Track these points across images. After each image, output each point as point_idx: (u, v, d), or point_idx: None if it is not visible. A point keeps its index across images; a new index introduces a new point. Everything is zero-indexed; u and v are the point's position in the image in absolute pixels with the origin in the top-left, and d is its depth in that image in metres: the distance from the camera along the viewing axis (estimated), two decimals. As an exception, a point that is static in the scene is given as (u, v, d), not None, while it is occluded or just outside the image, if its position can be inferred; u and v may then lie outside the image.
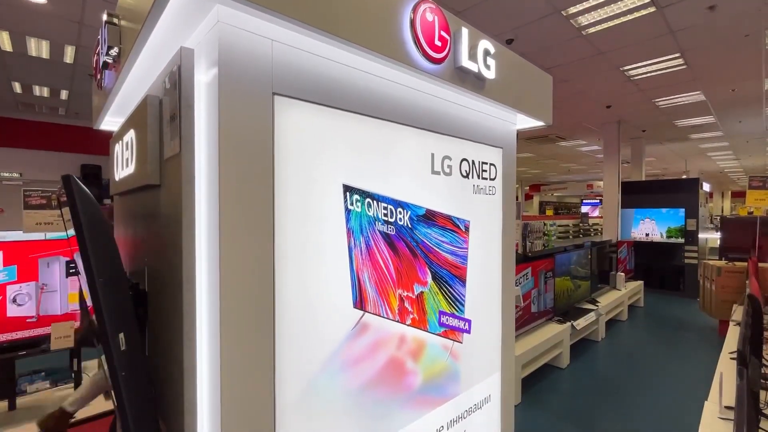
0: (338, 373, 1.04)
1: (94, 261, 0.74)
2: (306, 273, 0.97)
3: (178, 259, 0.85)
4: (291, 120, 0.93)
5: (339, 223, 1.04)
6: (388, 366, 1.18)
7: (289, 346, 0.93)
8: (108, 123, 1.74)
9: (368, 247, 1.11)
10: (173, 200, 0.89)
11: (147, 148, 0.97)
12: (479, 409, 1.55)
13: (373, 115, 1.11)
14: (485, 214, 1.56)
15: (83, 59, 4.58)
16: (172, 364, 0.90)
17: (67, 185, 0.75)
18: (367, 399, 1.11)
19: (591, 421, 2.92)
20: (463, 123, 1.43)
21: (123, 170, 1.30)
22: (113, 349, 0.77)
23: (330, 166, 1.02)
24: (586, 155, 11.87)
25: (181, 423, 0.85)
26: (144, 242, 1.16)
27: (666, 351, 4.39)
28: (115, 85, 1.24)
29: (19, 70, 5.03)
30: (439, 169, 1.34)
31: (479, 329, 1.53)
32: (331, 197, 1.02)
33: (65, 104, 6.62)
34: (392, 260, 1.18)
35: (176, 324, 0.87)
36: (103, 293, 0.76)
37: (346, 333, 1.06)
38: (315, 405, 0.99)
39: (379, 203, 1.14)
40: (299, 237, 0.95)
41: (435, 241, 1.33)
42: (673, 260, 7.30)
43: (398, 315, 1.20)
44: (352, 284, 1.07)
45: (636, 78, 5.21)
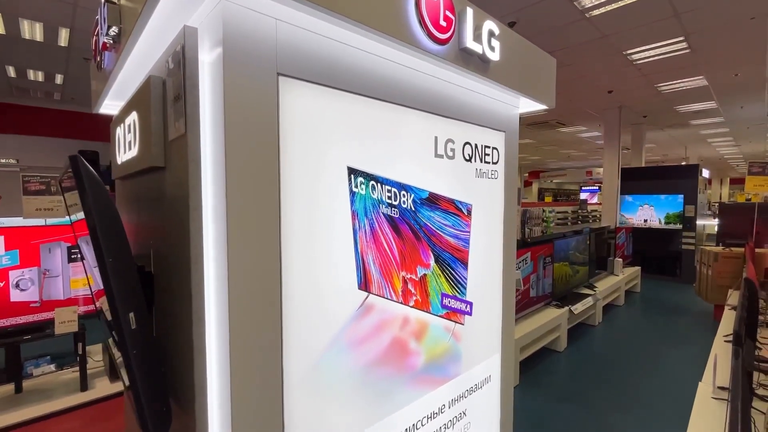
0: (344, 352, 1.06)
1: (103, 240, 0.75)
2: (312, 254, 0.97)
3: (185, 240, 0.86)
4: (296, 101, 0.92)
5: (344, 205, 1.04)
6: (392, 346, 1.20)
7: (296, 325, 0.95)
8: (107, 107, 1.72)
9: (372, 229, 1.12)
10: (179, 182, 0.89)
11: (151, 130, 0.97)
12: (480, 389, 1.59)
13: (377, 97, 1.11)
14: (487, 197, 1.56)
15: (78, 42, 4.50)
16: (182, 344, 0.91)
17: (74, 165, 0.75)
18: (372, 377, 1.14)
19: (587, 402, 2.99)
20: (467, 106, 1.43)
21: (125, 153, 1.29)
22: (124, 328, 0.78)
23: (335, 148, 1.02)
24: (586, 141, 11.82)
25: (192, 400, 0.87)
26: (149, 225, 1.17)
27: (662, 335, 4.46)
28: (115, 67, 1.23)
29: (12, 54, 4.95)
30: (442, 153, 1.34)
31: (480, 311, 1.55)
32: (335, 179, 1.02)
33: (60, 89, 6.53)
34: (396, 243, 1.19)
35: (185, 304, 0.88)
36: (113, 273, 0.77)
37: (351, 313, 1.08)
38: (321, 382, 1.01)
39: (383, 186, 1.15)
40: (305, 218, 0.96)
41: (438, 224, 1.33)
42: (671, 246, 7.36)
43: (402, 297, 1.22)
44: (357, 266, 1.08)
45: (639, 62, 5.15)
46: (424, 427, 1.33)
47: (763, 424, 1.72)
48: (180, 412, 0.95)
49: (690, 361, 3.74)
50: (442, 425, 1.41)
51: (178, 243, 0.91)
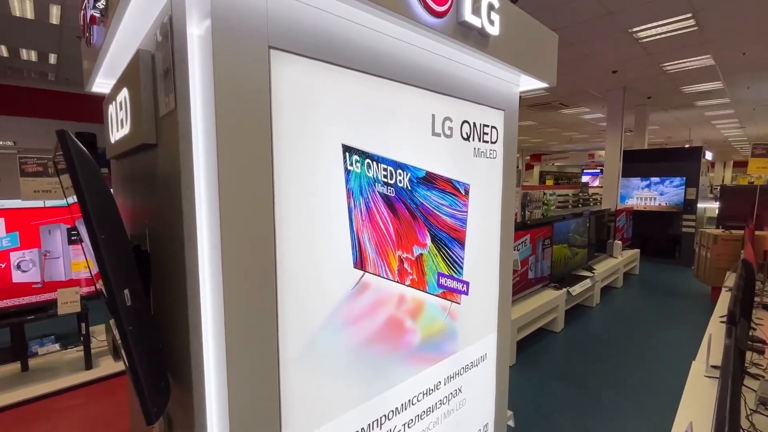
0: (339, 330, 1.07)
1: (94, 216, 0.74)
2: (307, 232, 0.97)
3: (178, 217, 0.85)
4: (288, 75, 0.90)
5: (339, 183, 1.03)
6: (388, 324, 1.21)
7: (291, 302, 0.95)
8: (100, 85, 1.69)
9: (368, 208, 1.11)
10: (171, 158, 0.88)
11: (141, 106, 0.95)
12: (475, 367, 1.61)
13: (372, 72, 1.08)
14: (485, 177, 1.55)
15: (70, 20, 4.39)
16: (178, 320, 0.92)
17: (62, 140, 0.74)
18: (368, 355, 1.15)
19: (583, 381, 3.04)
20: (465, 83, 1.40)
21: (118, 132, 1.28)
22: (119, 305, 0.79)
23: (329, 125, 1.00)
24: (588, 123, 11.68)
25: (189, 375, 0.88)
26: (143, 204, 1.16)
27: (658, 316, 4.51)
28: (104, 42, 1.20)
29: (3, 32, 4.84)
30: (439, 131, 1.32)
31: (477, 291, 1.56)
32: (330, 157, 1.01)
33: (54, 69, 6.42)
34: (392, 222, 1.18)
35: (180, 282, 0.88)
36: (106, 250, 0.77)
37: (347, 292, 1.08)
38: (317, 360, 1.02)
39: (379, 164, 1.13)
40: (299, 196, 0.95)
41: (434, 203, 1.33)
42: (671, 229, 7.36)
43: (398, 275, 1.22)
44: (352, 245, 1.08)
45: (644, 40, 5.03)
46: (420, 402, 1.35)
47: (754, 402, 1.75)
48: (178, 388, 0.97)
49: (685, 341, 3.79)
50: (438, 401, 1.44)
51: (171, 221, 0.90)
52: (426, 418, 1.39)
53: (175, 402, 0.98)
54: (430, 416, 1.41)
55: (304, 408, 1.00)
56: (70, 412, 2.71)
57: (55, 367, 3.18)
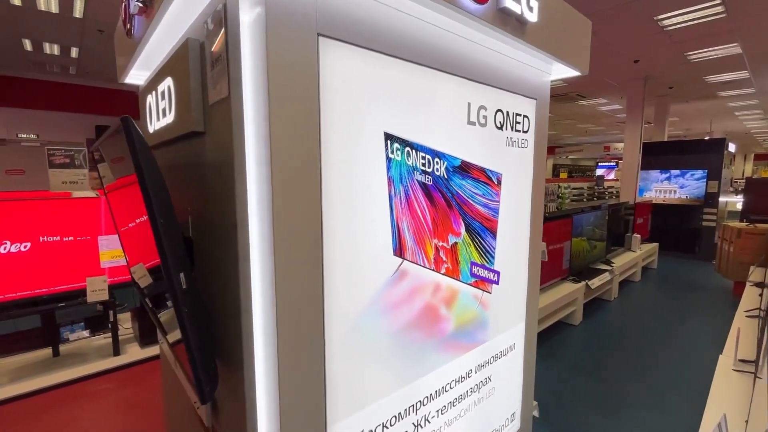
0: (379, 316, 1.09)
1: (155, 201, 0.77)
2: (350, 218, 0.98)
3: (230, 204, 0.87)
4: (335, 63, 0.91)
5: (380, 171, 1.04)
6: (424, 311, 1.22)
7: (336, 287, 0.97)
8: (134, 77, 1.72)
9: (407, 196, 1.12)
10: (221, 145, 0.89)
11: (189, 95, 0.97)
12: (504, 356, 1.62)
13: (413, 60, 1.08)
14: (517, 167, 1.54)
15: (92, 14, 4.46)
16: (227, 305, 0.94)
17: (126, 125, 0.76)
18: (405, 341, 1.17)
19: (604, 374, 3.03)
20: (499, 71, 1.39)
21: (158, 121, 1.30)
22: (177, 288, 0.81)
23: (372, 113, 1.01)
24: (606, 115, 11.45)
25: (239, 358, 0.90)
26: (186, 191, 1.18)
27: (679, 310, 4.45)
28: (145, 34, 1.22)
29: (28, 26, 4.93)
30: (474, 120, 1.31)
31: (507, 281, 1.56)
32: (373, 145, 1.02)
33: (76, 62, 6.53)
34: (429, 210, 1.19)
35: (230, 266, 0.91)
36: (165, 234, 0.79)
37: (387, 278, 1.09)
38: (358, 344, 1.04)
39: (418, 152, 1.14)
40: (344, 183, 0.96)
41: (469, 192, 1.33)
42: (690, 223, 7.21)
43: (434, 264, 1.23)
44: (393, 232, 1.09)
45: (670, 28, 4.89)
46: (453, 389, 1.37)
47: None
48: (226, 371, 0.99)
49: (707, 335, 3.74)
50: (469, 389, 1.45)
51: (222, 208, 0.92)
52: (457, 406, 1.41)
53: (223, 385, 1.01)
54: (461, 404, 1.42)
55: (346, 392, 1.03)
56: (101, 396, 2.81)
57: (85, 353, 3.29)
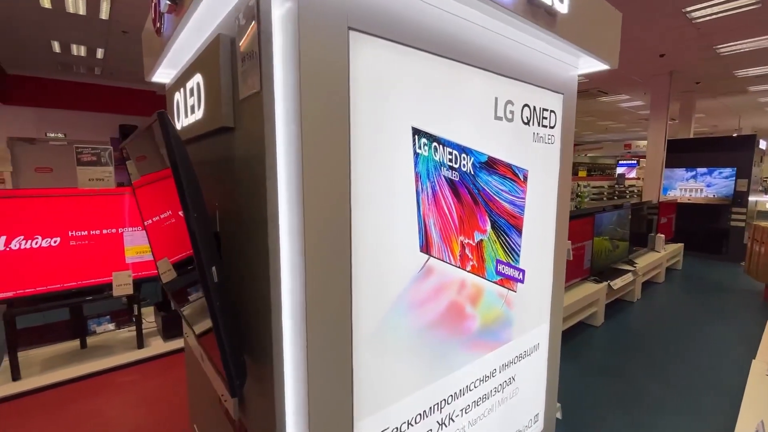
0: (406, 313, 1.08)
1: (188, 195, 0.78)
2: (378, 215, 0.98)
3: (260, 199, 0.88)
4: (365, 57, 0.90)
5: (408, 166, 1.03)
6: (450, 309, 1.21)
7: (363, 283, 0.97)
8: (161, 75, 1.75)
9: (434, 192, 1.11)
10: (252, 140, 0.90)
11: (220, 90, 0.97)
12: (528, 356, 1.59)
13: (441, 54, 1.06)
14: (543, 163, 1.51)
15: (117, 15, 4.57)
16: (256, 300, 0.95)
17: (162, 120, 0.77)
18: (430, 339, 1.16)
19: (627, 376, 2.95)
20: (527, 65, 1.36)
21: (187, 118, 1.32)
22: (209, 281, 0.82)
23: (400, 108, 1.00)
24: (627, 111, 11.15)
25: (269, 352, 0.91)
26: (214, 187, 1.20)
27: (706, 313, 4.30)
28: (175, 31, 1.24)
29: (57, 29, 5.09)
30: (501, 115, 1.29)
31: (532, 280, 1.53)
32: (401, 140, 1.01)
33: (101, 63, 6.71)
34: (455, 207, 1.17)
35: (259, 261, 0.91)
36: (198, 228, 0.80)
37: (413, 275, 1.09)
38: (385, 341, 1.04)
39: (445, 148, 1.12)
40: (372, 178, 0.95)
41: (495, 189, 1.30)
42: (718, 223, 6.96)
43: (459, 261, 1.21)
44: (419, 228, 1.08)
45: (699, 21, 4.71)
46: (477, 389, 1.35)
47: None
48: (255, 368, 1.00)
49: (737, 339, 3.60)
50: (493, 389, 1.43)
51: (251, 202, 0.93)
52: (481, 405, 1.39)
53: (251, 379, 1.02)
54: (485, 403, 1.40)
55: (372, 389, 1.02)
56: (126, 388, 2.89)
57: (111, 345, 3.39)
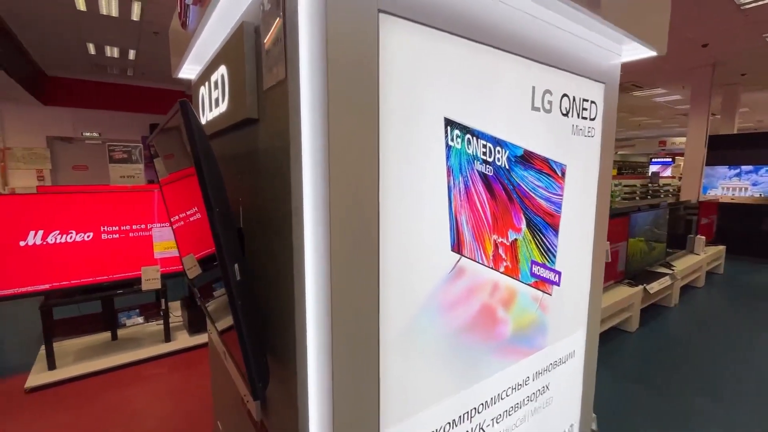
0: (435, 316, 1.02)
1: (210, 189, 0.74)
2: (408, 211, 0.92)
3: (284, 192, 0.83)
4: (395, 41, 0.84)
5: (439, 160, 0.97)
6: (481, 313, 1.13)
7: (392, 284, 0.91)
8: (187, 71, 1.75)
9: (466, 187, 1.04)
10: (276, 132, 0.86)
11: (244, 80, 0.94)
12: (563, 364, 1.50)
13: (476, 39, 0.99)
14: (582, 158, 1.41)
15: (148, 16, 4.69)
16: (279, 298, 0.91)
17: (184, 110, 0.73)
18: (461, 344, 1.09)
19: (666, 386, 2.78)
20: (566, 52, 1.26)
21: (211, 112, 1.30)
22: (231, 279, 0.78)
23: (432, 97, 0.93)
24: (663, 107, 10.61)
25: (292, 353, 0.87)
26: (238, 181, 1.17)
27: (750, 320, 4.01)
28: (200, 23, 1.22)
29: (92, 30, 5.28)
30: (539, 105, 1.20)
31: (568, 283, 1.43)
32: (432, 131, 0.94)
33: (133, 64, 6.94)
34: (489, 203, 1.10)
35: (283, 258, 0.87)
36: (221, 224, 0.76)
37: (444, 276, 1.02)
38: (413, 344, 0.98)
39: (479, 140, 1.05)
40: (402, 171, 0.89)
41: (531, 185, 1.22)
42: (764, 224, 6.52)
43: (492, 261, 1.14)
44: (451, 226, 1.02)
45: (748, 6, 4.39)
46: (509, 397, 1.27)
47: None
48: (278, 370, 0.96)
49: (788, 350, 3.33)
50: (526, 397, 1.35)
51: (275, 196, 0.89)
52: (513, 415, 1.31)
53: (274, 381, 0.98)
54: (517, 413, 1.32)
55: (399, 395, 0.97)
56: (154, 380, 2.95)
57: (140, 338, 3.48)
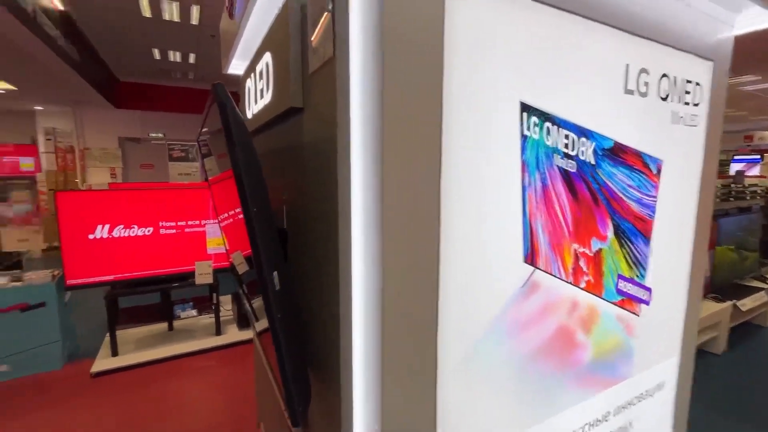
0: (503, 338, 0.86)
1: (247, 185, 0.64)
2: (473, 212, 0.77)
3: (330, 189, 0.72)
4: (464, 12, 0.70)
5: (513, 152, 0.81)
6: (557, 335, 0.95)
7: (454, 300, 0.76)
8: (236, 67, 1.72)
9: (544, 186, 0.86)
10: (322, 120, 0.75)
11: (288, 65, 0.84)
12: (650, 397, 1.26)
13: (562, 6, 0.82)
14: (682, 152, 1.16)
15: (206, 19, 4.89)
16: (323, 310, 0.80)
17: (216, 91, 0.64)
18: (532, 371, 0.92)
19: (753, 417, 2.36)
20: (668, 22, 1.03)
21: (256, 105, 1.23)
22: (269, 290, 0.68)
23: (506, 77, 0.77)
24: (753, 96, 9.36)
25: (336, 375, 0.75)
26: (282, 179, 1.09)
27: None
28: (246, 10, 1.15)
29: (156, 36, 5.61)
30: (633, 88, 0.99)
31: (660, 301, 1.20)
32: (505, 118, 0.78)
33: (193, 68, 7.32)
34: (570, 206, 0.92)
35: (328, 265, 0.76)
36: (258, 225, 0.66)
37: (514, 291, 0.86)
38: (476, 371, 0.82)
39: (561, 130, 0.87)
40: (468, 165, 0.75)
41: (621, 184, 1.01)
42: None
43: (572, 275, 0.95)
44: (524, 233, 0.85)
45: None
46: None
47: None
48: (320, 389, 0.86)
49: None
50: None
51: (320, 194, 0.78)
52: (590, 455, 1.11)
53: (316, 401, 0.88)
54: (594, 452, 1.12)
55: (459, 428, 0.82)
56: (204, 373, 3.02)
57: (193, 330, 3.60)
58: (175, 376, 2.96)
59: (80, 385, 2.80)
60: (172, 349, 3.27)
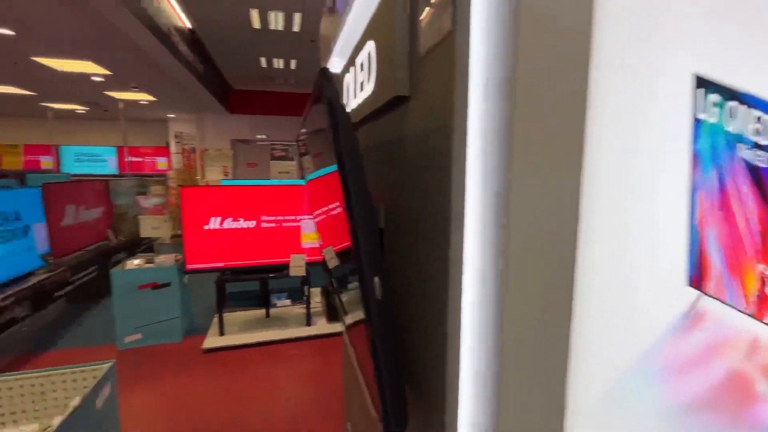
0: (654, 380, 0.67)
1: (350, 178, 0.58)
2: (622, 219, 0.61)
3: (440, 188, 0.62)
4: (625, -44, 0.54)
5: (681, 142, 0.62)
6: (729, 382, 0.73)
7: (591, 326, 0.61)
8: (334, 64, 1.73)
9: (722, 186, 0.66)
10: (434, 109, 0.65)
11: (394, 49, 0.76)
12: None
13: (762, -60, 0.60)
14: None
15: (306, 26, 5.18)
16: (425, 327, 0.71)
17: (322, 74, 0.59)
18: (691, 425, 0.71)
19: None
20: None
21: (356, 98, 1.19)
22: (370, 298, 0.61)
23: (675, 44, 0.59)
24: None
25: (441, 404, 0.66)
26: (380, 176, 1.02)
27: None
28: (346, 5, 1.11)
29: (262, 45, 6.14)
30: None
31: None
32: (673, 97, 0.60)
33: (294, 74, 7.88)
34: (758, 213, 0.69)
35: (435, 272, 0.67)
36: (362, 224, 0.60)
37: (673, 321, 0.67)
38: (617, 418, 0.66)
39: (750, 111, 0.65)
40: (618, 157, 0.59)
41: (833, 185, 0.74)
42: None
43: (753, 305, 0.72)
44: (691, 246, 0.65)
45: None
46: None
47: None
48: (420, 409, 0.77)
49: None
50: None
51: (426, 193, 0.69)
52: None
53: (413, 420, 0.80)
54: None
55: (589, 485, 0.66)
56: (295, 360, 3.19)
57: (286, 319, 3.84)
58: (270, 360, 3.17)
59: (194, 358, 3.16)
60: (268, 334, 3.51)
